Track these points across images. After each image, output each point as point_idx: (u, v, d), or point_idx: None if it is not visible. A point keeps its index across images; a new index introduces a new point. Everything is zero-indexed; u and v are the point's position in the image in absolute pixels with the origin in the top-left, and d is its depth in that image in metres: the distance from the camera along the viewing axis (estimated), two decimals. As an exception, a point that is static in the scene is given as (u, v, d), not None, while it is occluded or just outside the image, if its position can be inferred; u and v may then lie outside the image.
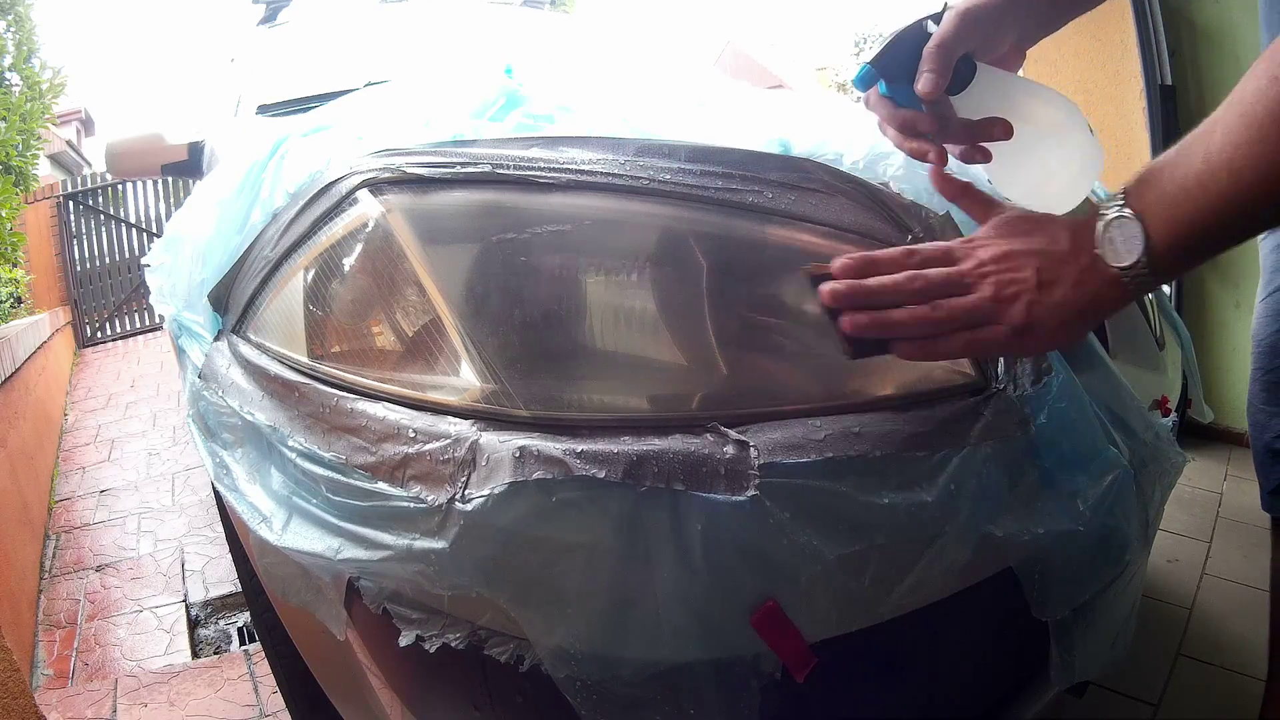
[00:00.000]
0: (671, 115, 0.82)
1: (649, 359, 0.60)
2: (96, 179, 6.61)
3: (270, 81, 1.51)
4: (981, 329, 0.51)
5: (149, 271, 0.97)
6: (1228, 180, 0.43)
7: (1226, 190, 0.43)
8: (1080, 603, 0.61)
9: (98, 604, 1.85)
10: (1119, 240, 0.47)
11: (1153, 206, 0.46)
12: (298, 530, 0.59)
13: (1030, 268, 0.50)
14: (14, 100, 4.30)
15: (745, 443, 0.52)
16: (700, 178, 0.63)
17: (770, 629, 0.50)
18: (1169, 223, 0.46)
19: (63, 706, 1.41)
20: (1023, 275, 0.50)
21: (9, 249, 3.77)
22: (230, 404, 0.71)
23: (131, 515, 2.37)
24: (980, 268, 0.51)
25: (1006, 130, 0.60)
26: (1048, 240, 0.51)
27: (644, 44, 1.98)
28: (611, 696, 0.49)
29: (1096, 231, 0.49)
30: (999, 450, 0.57)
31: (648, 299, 0.60)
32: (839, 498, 0.51)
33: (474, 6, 2.09)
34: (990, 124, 0.61)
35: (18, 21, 4.76)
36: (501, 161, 0.64)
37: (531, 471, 0.50)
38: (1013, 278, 0.50)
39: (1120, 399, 0.66)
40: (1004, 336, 0.50)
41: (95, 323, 6.29)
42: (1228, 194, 0.43)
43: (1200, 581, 1.47)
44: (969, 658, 0.64)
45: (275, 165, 0.79)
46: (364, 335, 0.66)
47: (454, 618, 0.53)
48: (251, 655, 1.51)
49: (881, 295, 0.52)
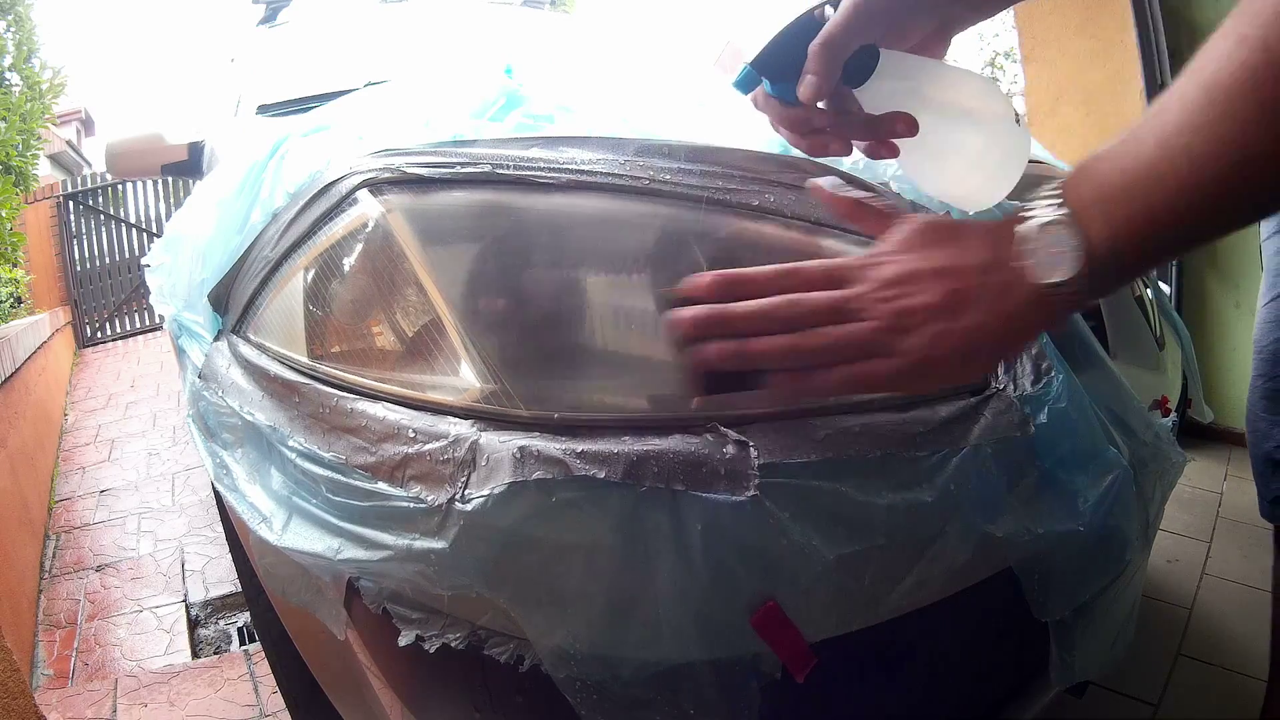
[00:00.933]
0: (671, 115, 0.82)
1: (649, 359, 0.60)
2: (96, 179, 6.62)
3: (270, 81, 1.51)
4: (866, 362, 0.43)
5: (149, 271, 0.97)
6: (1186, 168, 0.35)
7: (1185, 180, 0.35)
8: (1080, 603, 0.61)
9: (98, 604, 1.85)
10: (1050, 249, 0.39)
11: (1092, 205, 0.38)
12: (298, 530, 0.59)
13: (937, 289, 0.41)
14: (14, 100, 4.30)
15: (745, 443, 0.52)
16: (700, 178, 0.63)
17: (770, 629, 0.50)
18: (1113, 224, 0.37)
19: (63, 706, 1.41)
20: (925, 300, 0.41)
21: (9, 249, 3.77)
22: (230, 404, 0.71)
23: (131, 515, 2.37)
24: (875, 291, 0.43)
25: (910, 125, 0.54)
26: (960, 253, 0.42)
27: (644, 44, 1.98)
28: (611, 696, 0.49)
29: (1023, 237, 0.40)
30: (999, 450, 0.57)
31: (648, 299, 0.60)
32: (839, 498, 0.51)
33: (474, 6, 2.09)
34: (891, 119, 0.55)
35: (18, 21, 4.76)
36: (501, 161, 0.64)
37: (531, 471, 0.50)
38: (912, 304, 0.42)
39: (1120, 399, 0.66)
40: (895, 370, 0.42)
41: (95, 323, 6.29)
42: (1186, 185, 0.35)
43: (1200, 581, 1.47)
44: (969, 658, 0.64)
45: (275, 165, 0.79)
46: (364, 335, 0.66)
47: (454, 618, 0.53)
48: (251, 655, 1.51)
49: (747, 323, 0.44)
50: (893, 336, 0.42)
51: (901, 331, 0.42)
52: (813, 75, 0.53)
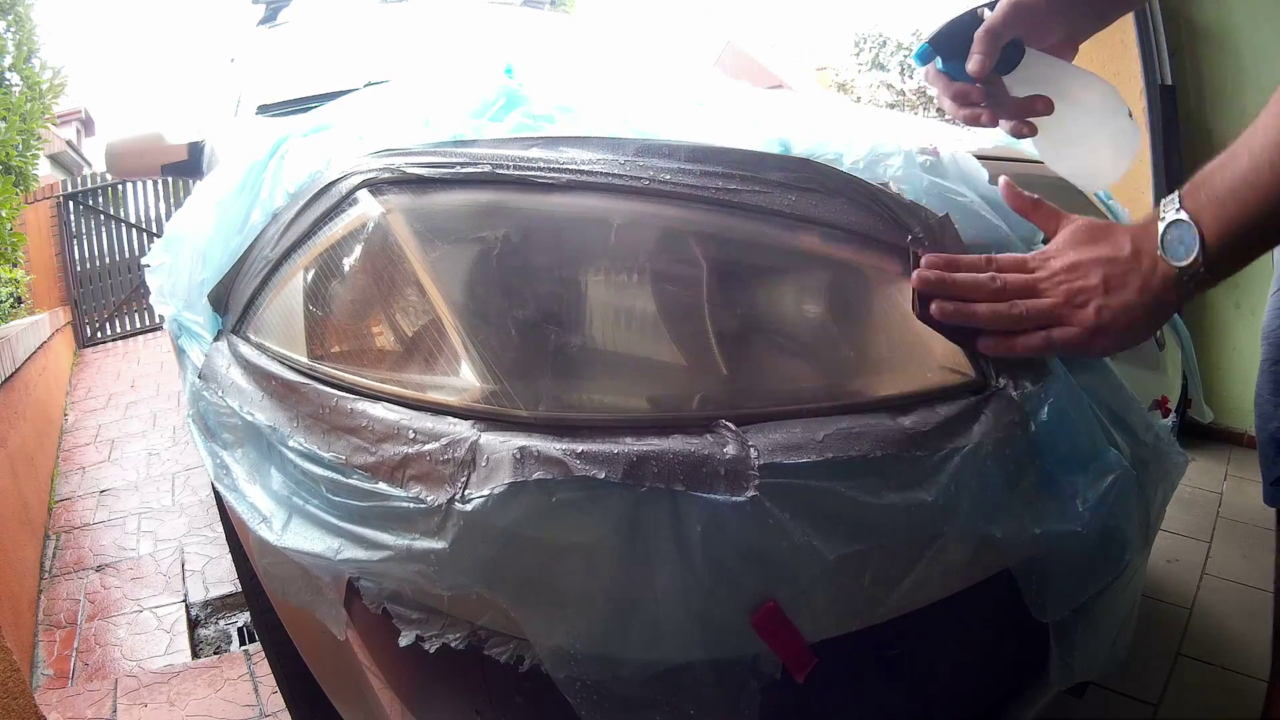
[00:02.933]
0: (671, 115, 0.82)
1: (649, 359, 0.60)
2: (96, 179, 6.62)
3: (270, 81, 1.51)
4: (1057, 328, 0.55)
5: (149, 271, 0.97)
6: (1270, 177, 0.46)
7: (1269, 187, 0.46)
8: (1080, 604, 0.61)
9: (98, 604, 1.85)
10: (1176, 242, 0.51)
11: (1205, 208, 0.50)
12: (298, 530, 0.59)
13: (1098, 275, 0.54)
14: (14, 100, 4.30)
15: (745, 443, 0.52)
16: (700, 178, 0.63)
17: (770, 629, 0.50)
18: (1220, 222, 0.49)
19: (63, 706, 1.41)
20: (1091, 282, 0.54)
21: (9, 249, 3.77)
22: (230, 404, 0.71)
23: (131, 515, 2.37)
24: (1053, 276, 0.56)
25: (1048, 105, 0.67)
26: (1112, 248, 0.55)
27: (644, 44, 1.98)
28: (611, 696, 0.49)
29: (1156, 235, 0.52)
30: (999, 450, 0.57)
31: (648, 299, 0.60)
32: (839, 498, 0.51)
33: (474, 6, 2.09)
34: (1034, 100, 0.68)
35: (18, 21, 4.76)
36: (501, 161, 0.64)
37: (531, 472, 0.50)
38: (1082, 285, 0.55)
39: (1120, 399, 0.66)
40: (1078, 337, 0.55)
41: (95, 323, 6.29)
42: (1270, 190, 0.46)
43: (1200, 581, 1.47)
44: (969, 658, 0.64)
45: (275, 165, 0.79)
46: (364, 335, 0.66)
47: (454, 618, 0.53)
48: (251, 655, 1.51)
49: (965, 290, 0.57)
50: (1069, 310, 0.55)
51: (1076, 306, 0.55)
52: (979, 54, 0.66)
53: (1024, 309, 0.56)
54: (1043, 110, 0.68)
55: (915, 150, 0.69)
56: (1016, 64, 0.68)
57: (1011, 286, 0.57)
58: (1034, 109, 0.68)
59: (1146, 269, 0.53)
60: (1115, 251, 0.55)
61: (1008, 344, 0.57)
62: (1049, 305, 0.56)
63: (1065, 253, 0.57)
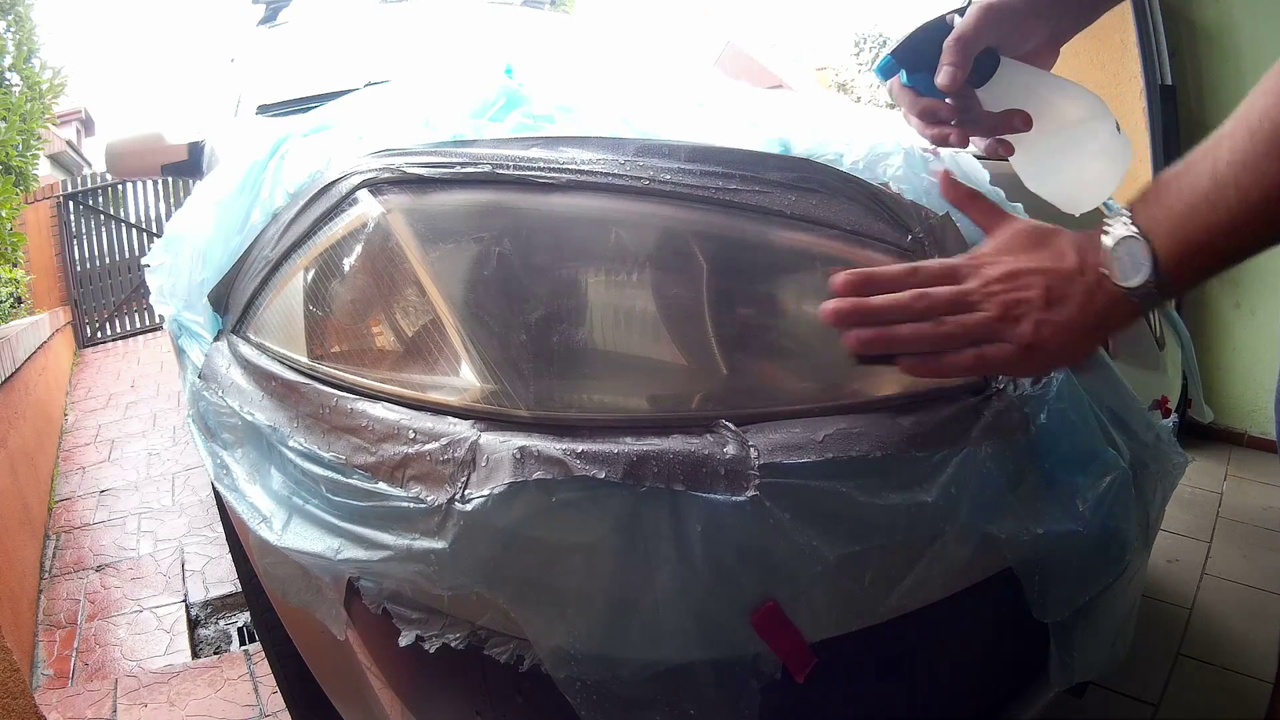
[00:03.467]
0: (671, 115, 0.82)
1: (649, 359, 0.60)
2: (96, 179, 6.62)
3: (270, 81, 1.51)
4: (989, 345, 0.50)
5: (149, 271, 0.97)
6: (1236, 198, 0.42)
7: (1235, 208, 0.42)
8: (1080, 604, 0.61)
9: (98, 604, 1.85)
10: (1126, 259, 0.46)
11: (1160, 224, 0.45)
12: (298, 530, 0.59)
13: (1037, 286, 0.49)
14: (14, 100, 4.30)
15: (745, 443, 0.52)
16: (700, 178, 0.63)
17: (770, 629, 0.50)
18: (1177, 241, 0.45)
19: (63, 706, 1.41)
20: (1030, 294, 0.49)
21: (9, 249, 3.77)
22: (230, 404, 0.71)
23: (131, 515, 2.37)
24: (986, 286, 0.50)
25: (1025, 121, 0.61)
26: (1054, 257, 0.50)
27: (644, 44, 1.98)
28: (611, 696, 0.49)
29: (1103, 249, 0.47)
30: (999, 450, 0.57)
31: (648, 299, 0.60)
32: (839, 498, 0.51)
33: (474, 6, 2.09)
34: (1010, 115, 0.62)
35: (18, 21, 4.76)
36: (501, 161, 0.64)
37: (531, 472, 0.50)
38: (1019, 297, 0.49)
39: (1120, 399, 0.66)
40: (1012, 354, 0.49)
41: (95, 323, 6.29)
42: (1236, 212, 0.42)
43: (1200, 581, 1.47)
44: (969, 658, 0.64)
45: (275, 165, 0.79)
46: (364, 335, 0.66)
47: (454, 618, 0.53)
48: (251, 655, 1.51)
49: (886, 314, 0.50)
50: (1005, 325, 0.49)
51: (1012, 321, 0.49)
52: (949, 65, 0.60)
53: (953, 326, 0.50)
54: (1021, 126, 0.62)
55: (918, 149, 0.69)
56: (991, 75, 0.62)
57: (939, 301, 0.50)
58: (1011, 125, 0.62)
59: (1090, 283, 0.48)
60: (1057, 261, 0.49)
61: (933, 365, 0.51)
62: (981, 320, 0.49)
63: (1002, 259, 0.51)
